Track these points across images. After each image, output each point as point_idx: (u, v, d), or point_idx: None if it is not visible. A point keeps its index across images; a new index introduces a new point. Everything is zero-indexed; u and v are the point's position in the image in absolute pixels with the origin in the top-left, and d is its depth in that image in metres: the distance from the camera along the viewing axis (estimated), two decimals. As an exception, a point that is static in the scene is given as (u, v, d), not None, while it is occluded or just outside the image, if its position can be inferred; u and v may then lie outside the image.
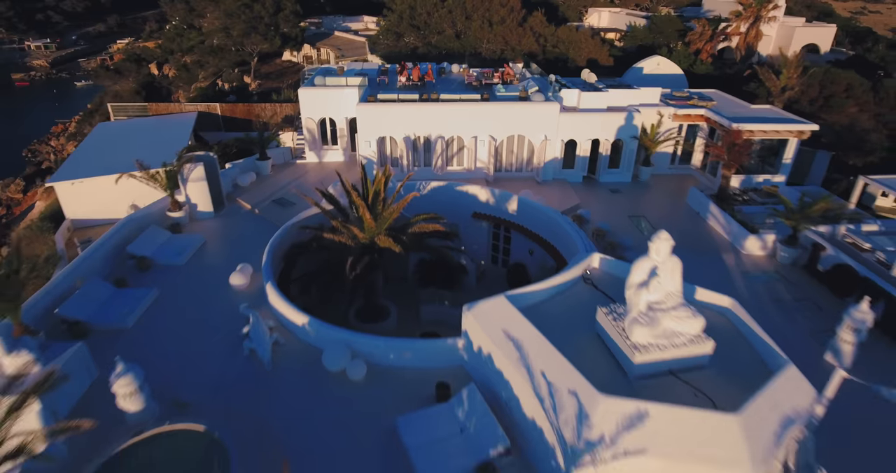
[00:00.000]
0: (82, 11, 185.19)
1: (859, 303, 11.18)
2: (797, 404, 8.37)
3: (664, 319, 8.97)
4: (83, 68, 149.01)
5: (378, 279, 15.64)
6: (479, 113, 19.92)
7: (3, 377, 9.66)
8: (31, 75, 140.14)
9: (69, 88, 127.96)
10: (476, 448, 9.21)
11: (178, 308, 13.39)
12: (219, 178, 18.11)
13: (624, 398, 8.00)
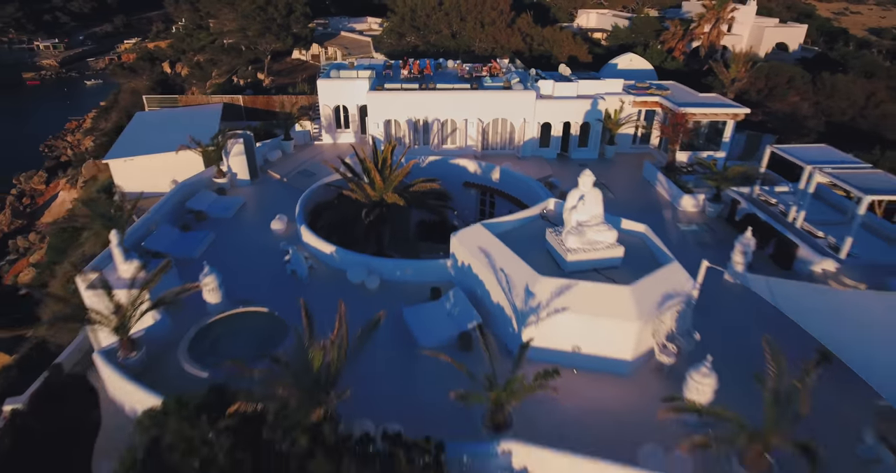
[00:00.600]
0: (89, 12, 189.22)
1: (744, 234, 15.16)
2: (676, 286, 12.32)
3: (588, 232, 12.93)
4: (91, 67, 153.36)
5: (385, 232, 19.56)
6: (469, 99, 23.90)
7: (123, 279, 13.64)
8: (42, 74, 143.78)
9: (79, 87, 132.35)
10: (458, 324, 13.15)
11: (231, 245, 17.35)
12: (255, 153, 22.11)
13: (554, 277, 11.98)
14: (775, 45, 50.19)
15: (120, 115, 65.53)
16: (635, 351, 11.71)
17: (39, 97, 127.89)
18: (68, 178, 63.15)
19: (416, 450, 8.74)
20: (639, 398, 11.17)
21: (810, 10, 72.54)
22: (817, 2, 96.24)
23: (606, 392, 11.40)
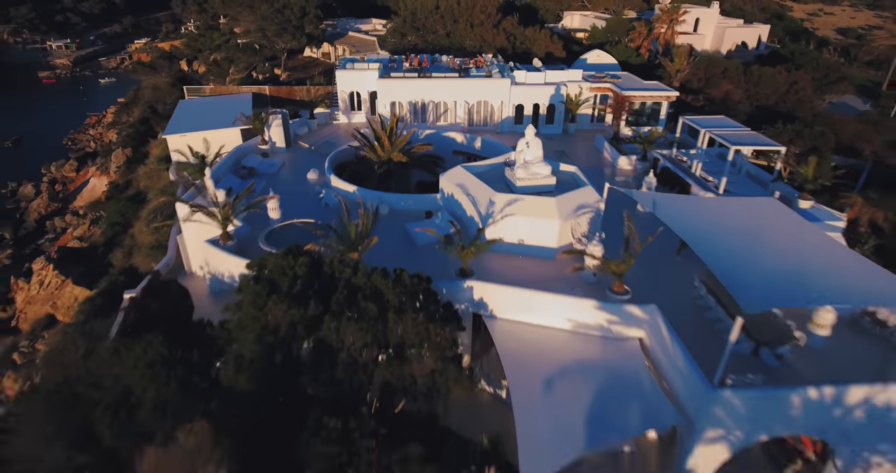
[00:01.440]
0: (99, 13, 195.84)
1: (648, 174, 21.43)
2: (588, 200, 18.59)
3: (532, 166, 19.22)
4: (104, 67, 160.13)
5: (392, 186, 25.84)
6: (458, 86, 30.20)
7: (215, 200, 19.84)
8: (57, 73, 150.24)
9: (94, 85, 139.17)
10: (442, 231, 19.39)
11: (278, 191, 23.59)
12: (289, 127, 28.40)
13: (506, 193, 18.27)
14: (740, 43, 56.55)
15: (143, 109, 72.41)
16: (558, 241, 17.95)
17: (56, 95, 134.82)
18: (98, 166, 69.98)
19: (416, 278, 14.97)
20: (559, 270, 17.40)
21: (782, 12, 78.77)
22: (795, 3, 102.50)
23: (539, 267, 17.64)
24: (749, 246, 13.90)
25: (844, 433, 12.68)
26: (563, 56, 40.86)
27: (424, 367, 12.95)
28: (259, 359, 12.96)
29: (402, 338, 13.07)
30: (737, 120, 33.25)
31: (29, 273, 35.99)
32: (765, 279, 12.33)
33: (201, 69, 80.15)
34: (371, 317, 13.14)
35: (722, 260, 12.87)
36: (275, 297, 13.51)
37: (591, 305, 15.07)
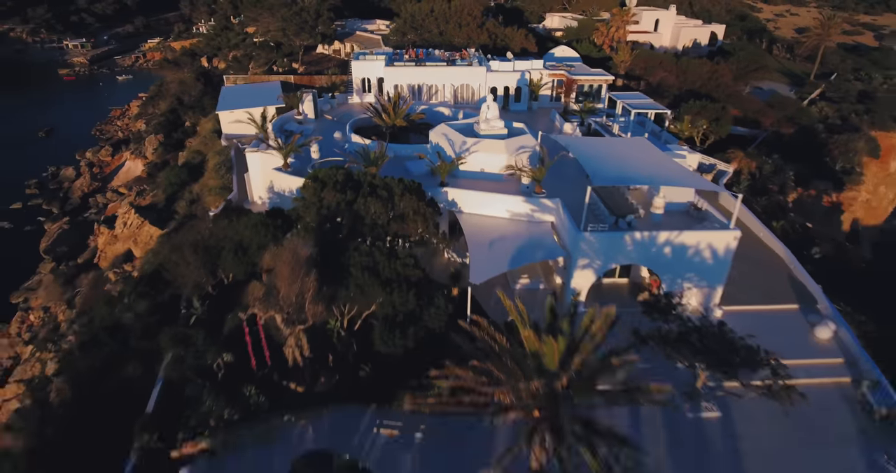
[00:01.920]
0: (112, 13, 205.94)
1: (575, 131, 30.84)
2: (527, 143, 27.98)
3: (491, 121, 28.63)
4: (119, 65, 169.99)
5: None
6: (446, 72, 39.59)
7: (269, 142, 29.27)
8: (76, 70, 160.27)
9: (112, 82, 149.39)
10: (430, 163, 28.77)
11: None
12: (317, 102, 37.79)
13: (472, 137, 27.69)
14: (695, 40, 66.00)
15: (171, 101, 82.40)
16: (506, 170, 27.24)
17: (77, 91, 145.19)
18: (132, 151, 79.97)
19: (411, 181, 24.26)
20: (507, 187, 26.70)
21: (746, 13, 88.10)
22: (765, 4, 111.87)
23: (493, 186, 26.94)
24: (613, 159, 23.30)
25: (662, 264, 21.99)
26: (536, 51, 50.20)
27: (416, 227, 22.28)
28: (318, 225, 22.30)
29: (403, 210, 22.38)
30: (667, 98, 42.74)
31: (113, 219, 45.40)
32: (611, 171, 21.72)
33: (221, 65, 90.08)
34: (384, 198, 22.49)
35: (592, 162, 22.25)
36: (327, 189, 22.90)
37: (521, 200, 24.44)
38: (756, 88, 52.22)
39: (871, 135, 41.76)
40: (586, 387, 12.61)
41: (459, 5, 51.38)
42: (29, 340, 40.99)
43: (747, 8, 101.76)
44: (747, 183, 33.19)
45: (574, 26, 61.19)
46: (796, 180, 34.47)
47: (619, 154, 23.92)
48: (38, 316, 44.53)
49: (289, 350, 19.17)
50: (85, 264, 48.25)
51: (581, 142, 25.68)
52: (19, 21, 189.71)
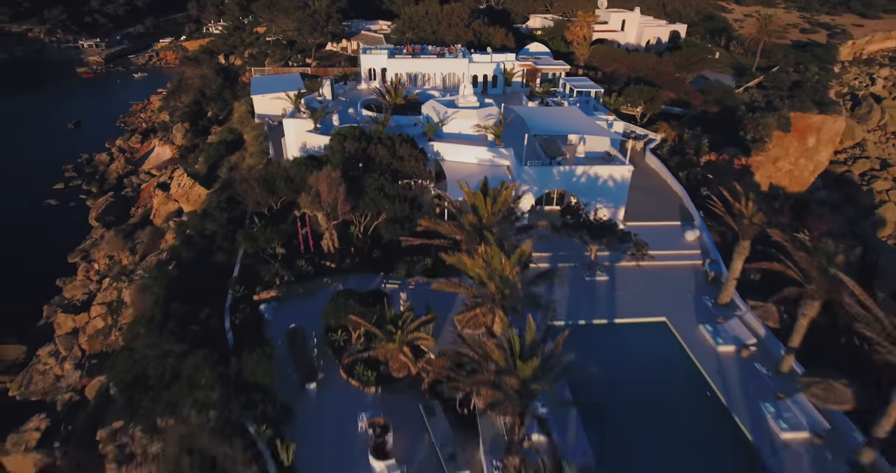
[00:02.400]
0: (123, 14, 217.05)
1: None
2: (492, 112, 38.28)
3: (467, 96, 38.90)
4: (133, 63, 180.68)
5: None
6: (437, 64, 49.86)
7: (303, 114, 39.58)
8: (94, 68, 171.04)
9: (128, 79, 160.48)
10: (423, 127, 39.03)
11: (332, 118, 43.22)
12: (334, 87, 48.05)
13: (452, 108, 37.96)
14: (657, 38, 76.32)
15: (194, 94, 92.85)
16: (478, 131, 37.38)
17: (96, 87, 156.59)
18: (160, 138, 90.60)
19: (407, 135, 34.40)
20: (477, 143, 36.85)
21: (713, 13, 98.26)
22: (737, 5, 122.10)
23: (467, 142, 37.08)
24: (547, 119, 33.54)
25: (579, 190, 32.17)
26: (514, 46, 60.42)
27: (411, 165, 32.43)
28: (341, 164, 32.45)
29: (401, 154, 32.55)
30: (618, 84, 52.95)
31: (165, 185, 55.61)
32: (544, 126, 31.95)
33: (237, 62, 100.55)
34: (388, 146, 32.69)
35: (532, 121, 32.48)
36: (348, 140, 33.13)
37: (486, 150, 34.68)
38: (701, 77, 62.43)
39: (784, 114, 51.89)
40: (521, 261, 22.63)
41: (450, 9, 61.71)
42: (101, 278, 51.39)
43: (720, 9, 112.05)
44: (669, 147, 43.31)
45: (550, 26, 71.51)
46: (711, 147, 44.47)
47: (552, 116, 34.18)
48: (104, 263, 54.86)
49: (325, 242, 29.34)
50: (140, 222, 58.65)
51: (528, 109, 36.00)
52: (36, 22, 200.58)
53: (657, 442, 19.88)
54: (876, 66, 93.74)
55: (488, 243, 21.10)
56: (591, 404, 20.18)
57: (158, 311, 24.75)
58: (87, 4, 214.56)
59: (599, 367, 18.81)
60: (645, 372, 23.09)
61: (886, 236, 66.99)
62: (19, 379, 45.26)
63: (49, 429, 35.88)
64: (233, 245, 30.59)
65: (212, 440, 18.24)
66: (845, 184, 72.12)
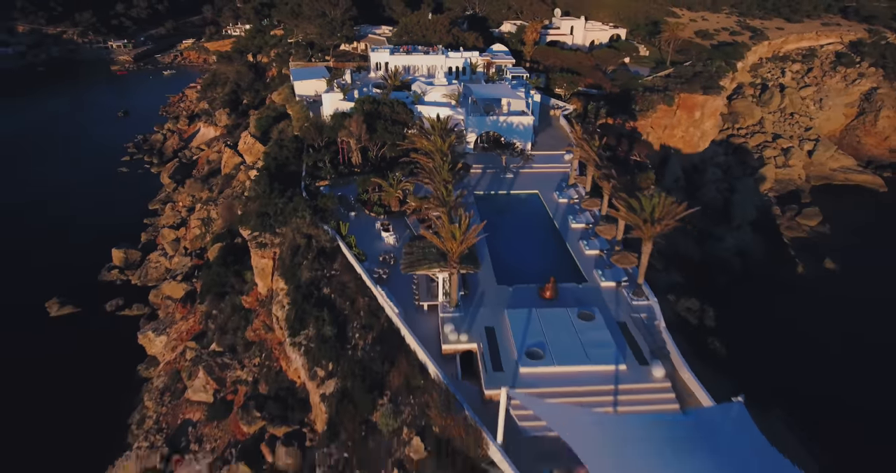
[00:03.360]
0: (146, 17, 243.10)
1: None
2: (458, 90, 62.22)
3: (440, 79, 62.87)
4: (160, 62, 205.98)
5: (395, 96, 69.58)
6: (423, 59, 74.01)
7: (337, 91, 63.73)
8: (126, 66, 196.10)
9: (159, 76, 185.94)
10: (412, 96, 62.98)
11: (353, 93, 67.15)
12: (353, 75, 72.02)
13: (431, 86, 61.99)
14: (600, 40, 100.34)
15: (231, 85, 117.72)
16: (444, 98, 61.15)
17: (130, 83, 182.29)
18: (204, 121, 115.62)
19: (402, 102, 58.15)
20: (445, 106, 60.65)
21: (658, 19, 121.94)
22: (687, 11, 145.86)
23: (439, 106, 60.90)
24: (487, 90, 57.51)
25: (503, 131, 55.93)
26: (482, 46, 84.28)
27: (402, 116, 56.13)
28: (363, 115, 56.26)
29: (398, 111, 56.28)
30: (552, 73, 76.90)
31: (235, 143, 79.68)
32: (482, 93, 55.90)
33: (264, 59, 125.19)
34: (389, 106, 56.51)
35: (475, 90, 56.43)
36: (365, 103, 57.09)
37: (449, 109, 58.53)
38: (625, 67, 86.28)
39: (669, 93, 75.61)
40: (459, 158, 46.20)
41: (435, 19, 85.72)
42: (188, 209, 75.51)
43: (671, 14, 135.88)
44: (577, 113, 67.02)
45: (514, 31, 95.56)
46: (608, 114, 67.97)
47: (489, 88, 58.11)
48: (188, 200, 79.02)
49: (354, 157, 53.06)
50: (208, 174, 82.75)
51: (476, 85, 60.05)
52: (69, 24, 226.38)
53: (524, 242, 43.12)
54: (789, 61, 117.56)
55: (437, 145, 44.84)
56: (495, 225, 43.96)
57: (268, 187, 48.24)
58: (112, 8, 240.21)
59: (502, 211, 42.51)
60: (524, 213, 46.74)
61: (766, 189, 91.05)
62: (138, 272, 69.34)
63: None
64: (299, 162, 54.28)
65: (310, 230, 41.88)
66: (742, 151, 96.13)
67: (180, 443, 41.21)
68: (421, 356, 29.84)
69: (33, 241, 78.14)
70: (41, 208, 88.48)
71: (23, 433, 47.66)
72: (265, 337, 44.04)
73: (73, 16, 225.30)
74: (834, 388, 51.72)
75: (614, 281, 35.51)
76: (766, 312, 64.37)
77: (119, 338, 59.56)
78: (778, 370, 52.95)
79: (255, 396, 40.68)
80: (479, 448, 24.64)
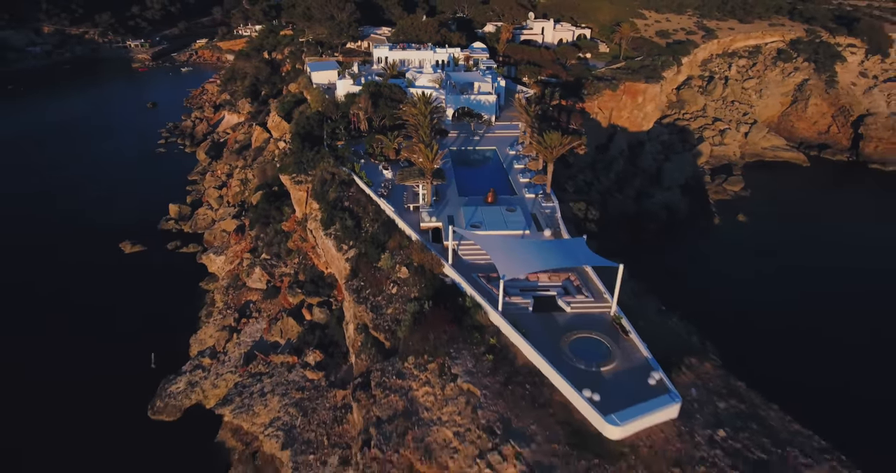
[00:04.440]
0: (160, 19, 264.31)
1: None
2: (440, 76, 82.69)
3: (427, 69, 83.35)
4: (177, 60, 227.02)
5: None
6: (416, 54, 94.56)
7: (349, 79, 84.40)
8: (147, 64, 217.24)
9: (178, 72, 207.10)
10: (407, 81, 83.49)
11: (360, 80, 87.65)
12: (359, 67, 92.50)
13: (420, 74, 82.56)
14: (565, 40, 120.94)
15: (251, 79, 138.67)
16: (430, 83, 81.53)
17: (150, 79, 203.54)
18: (227, 109, 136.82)
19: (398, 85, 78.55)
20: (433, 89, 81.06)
21: (623, 20, 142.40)
22: (654, 13, 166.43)
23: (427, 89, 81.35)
24: (462, 76, 78.04)
25: (473, 105, 76.29)
26: (465, 43, 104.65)
27: (398, 95, 76.46)
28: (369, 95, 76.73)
29: (394, 91, 76.55)
30: (520, 66, 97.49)
31: (264, 123, 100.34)
32: (459, 79, 76.36)
33: (279, 56, 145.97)
34: (388, 88, 76.85)
35: (454, 76, 76.89)
36: (370, 86, 77.59)
37: (433, 91, 78.87)
38: (582, 61, 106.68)
39: (614, 82, 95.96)
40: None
41: (426, 22, 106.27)
42: (229, 173, 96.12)
43: (638, 15, 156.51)
44: (536, 96, 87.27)
45: (493, 31, 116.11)
46: (561, 97, 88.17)
47: (464, 75, 78.58)
48: (225, 169, 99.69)
49: (362, 125, 73.33)
50: (241, 149, 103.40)
51: (455, 73, 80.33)
52: (90, 25, 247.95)
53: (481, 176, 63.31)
54: (737, 57, 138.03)
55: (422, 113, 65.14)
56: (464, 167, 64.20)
57: (300, 145, 68.44)
58: (129, 10, 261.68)
59: (469, 160, 62.88)
60: (484, 160, 67.02)
61: (703, 162, 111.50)
62: (189, 222, 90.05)
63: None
64: (321, 129, 74.56)
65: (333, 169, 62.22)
66: (685, 132, 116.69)
67: (245, 314, 61.52)
68: (408, 231, 50.11)
69: (102, 200, 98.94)
70: (99, 177, 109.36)
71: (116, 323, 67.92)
72: (301, 246, 64.46)
73: (93, 17, 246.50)
74: (715, 294, 72.35)
75: (533, 193, 55.83)
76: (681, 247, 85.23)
77: (181, 266, 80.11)
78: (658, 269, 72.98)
79: (296, 281, 61.12)
80: (439, 267, 44.88)
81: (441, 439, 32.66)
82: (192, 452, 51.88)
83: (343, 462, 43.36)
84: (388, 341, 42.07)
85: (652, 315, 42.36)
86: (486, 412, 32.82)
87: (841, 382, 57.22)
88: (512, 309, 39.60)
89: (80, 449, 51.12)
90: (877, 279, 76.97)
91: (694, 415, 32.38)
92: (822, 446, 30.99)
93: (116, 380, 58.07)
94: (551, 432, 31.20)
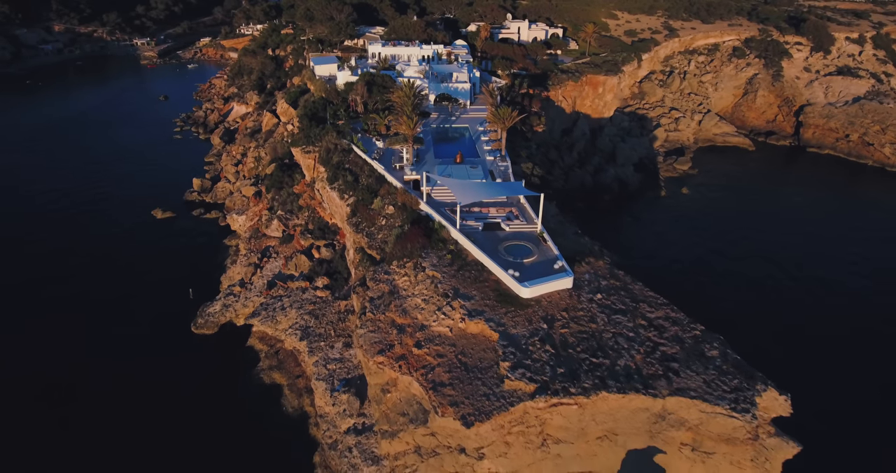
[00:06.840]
0: (164, 18, 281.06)
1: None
2: (424, 67, 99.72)
3: (414, 62, 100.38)
4: (182, 57, 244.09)
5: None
6: (405, 50, 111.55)
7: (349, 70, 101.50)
8: (154, 61, 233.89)
9: (184, 69, 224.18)
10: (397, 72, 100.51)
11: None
12: (357, 61, 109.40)
13: (408, 66, 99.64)
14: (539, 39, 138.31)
15: (258, 74, 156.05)
16: (416, 73, 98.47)
17: (159, 75, 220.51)
18: (237, 100, 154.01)
19: (390, 75, 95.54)
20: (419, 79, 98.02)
21: (596, 21, 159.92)
22: (627, 14, 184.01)
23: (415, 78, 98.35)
24: (443, 68, 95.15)
25: (451, 92, 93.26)
26: (448, 41, 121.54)
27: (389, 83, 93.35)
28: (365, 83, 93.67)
29: (385, 80, 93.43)
30: (495, 60, 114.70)
31: (273, 109, 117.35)
32: (441, 69, 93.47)
33: (282, 53, 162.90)
34: (380, 77, 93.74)
35: (436, 68, 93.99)
36: (366, 76, 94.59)
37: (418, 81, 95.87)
38: (552, 56, 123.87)
39: (577, 75, 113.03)
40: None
41: (415, 22, 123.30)
42: (244, 152, 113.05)
43: (611, 16, 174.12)
44: (507, 86, 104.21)
45: (475, 30, 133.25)
46: (529, 86, 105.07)
47: (445, 67, 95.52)
48: (240, 150, 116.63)
49: (359, 107, 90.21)
50: (252, 133, 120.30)
51: (437, 65, 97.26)
52: (98, 24, 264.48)
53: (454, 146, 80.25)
54: (697, 54, 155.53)
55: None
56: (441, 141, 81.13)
57: (308, 123, 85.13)
58: (134, 9, 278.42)
59: (446, 135, 79.79)
60: (458, 135, 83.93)
61: (658, 145, 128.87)
62: (210, 194, 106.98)
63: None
64: (324, 111, 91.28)
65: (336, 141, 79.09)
66: (644, 120, 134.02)
67: (265, 255, 78.32)
68: (395, 183, 67.05)
69: (130, 177, 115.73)
70: (125, 157, 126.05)
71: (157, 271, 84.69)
72: (310, 203, 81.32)
73: (100, 16, 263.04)
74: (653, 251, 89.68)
75: (492, 157, 72.91)
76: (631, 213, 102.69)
77: (207, 228, 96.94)
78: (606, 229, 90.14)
79: (307, 229, 78.00)
80: (416, 205, 61.81)
81: (413, 304, 49.50)
82: (228, 355, 68.60)
83: (346, 345, 60.21)
84: (378, 255, 58.93)
85: (570, 235, 59.30)
86: (443, 286, 49.70)
87: (752, 308, 74.83)
88: (467, 229, 56.54)
89: (141, 359, 67.59)
90: (801, 238, 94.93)
91: (583, 287, 49.35)
92: (664, 302, 47.95)
93: (164, 307, 74.83)
94: (485, 295, 48.12)
